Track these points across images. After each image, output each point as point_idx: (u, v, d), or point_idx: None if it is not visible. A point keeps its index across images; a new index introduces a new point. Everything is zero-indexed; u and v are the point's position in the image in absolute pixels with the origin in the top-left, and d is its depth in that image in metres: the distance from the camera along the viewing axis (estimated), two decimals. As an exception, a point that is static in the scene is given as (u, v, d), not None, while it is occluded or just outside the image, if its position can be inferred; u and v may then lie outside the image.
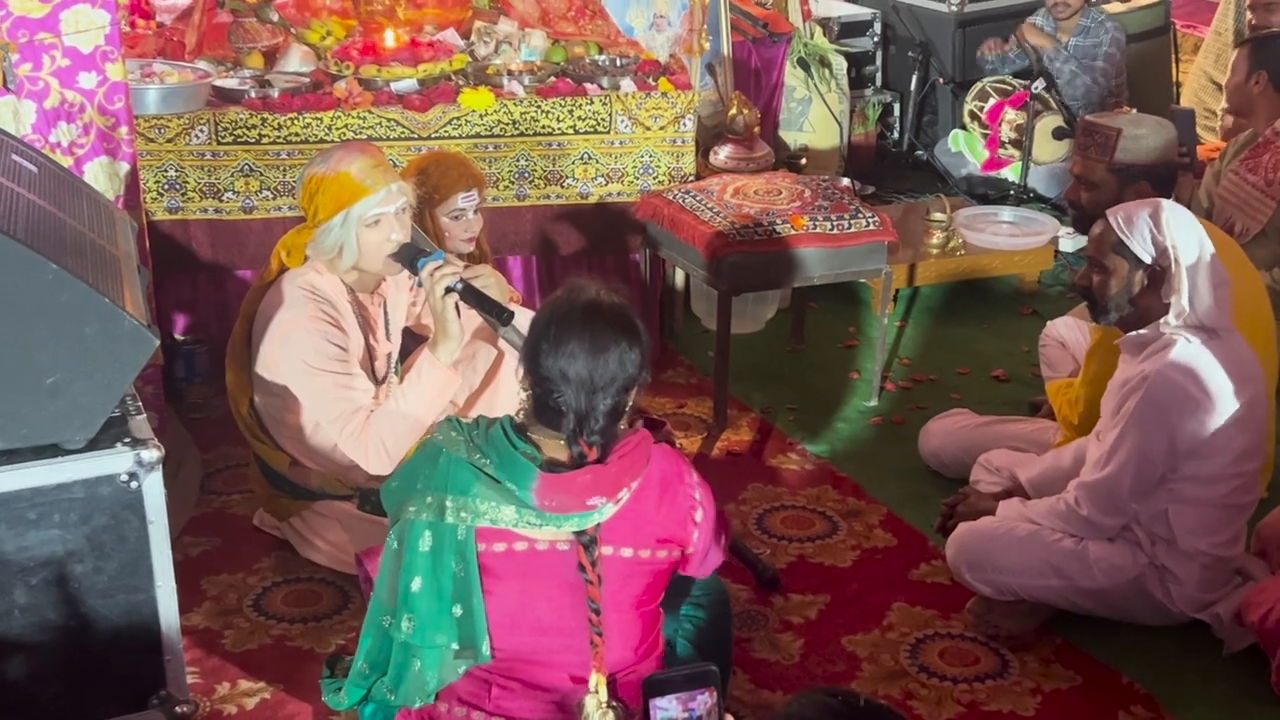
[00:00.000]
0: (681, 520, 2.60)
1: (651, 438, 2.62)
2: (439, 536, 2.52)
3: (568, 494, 2.46)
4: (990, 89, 6.24)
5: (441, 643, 2.55)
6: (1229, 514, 3.26)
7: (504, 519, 2.49)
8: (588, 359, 2.46)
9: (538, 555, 2.52)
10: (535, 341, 2.52)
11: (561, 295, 2.59)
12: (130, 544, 2.64)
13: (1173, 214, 3.22)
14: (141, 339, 2.57)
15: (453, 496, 2.50)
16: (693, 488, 2.63)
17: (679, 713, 2.14)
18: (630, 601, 2.58)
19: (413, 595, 2.54)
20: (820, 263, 4.24)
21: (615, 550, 2.55)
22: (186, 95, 4.21)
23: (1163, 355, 3.16)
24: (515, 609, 2.54)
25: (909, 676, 3.21)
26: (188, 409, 4.24)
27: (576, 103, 4.44)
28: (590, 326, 2.48)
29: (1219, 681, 3.20)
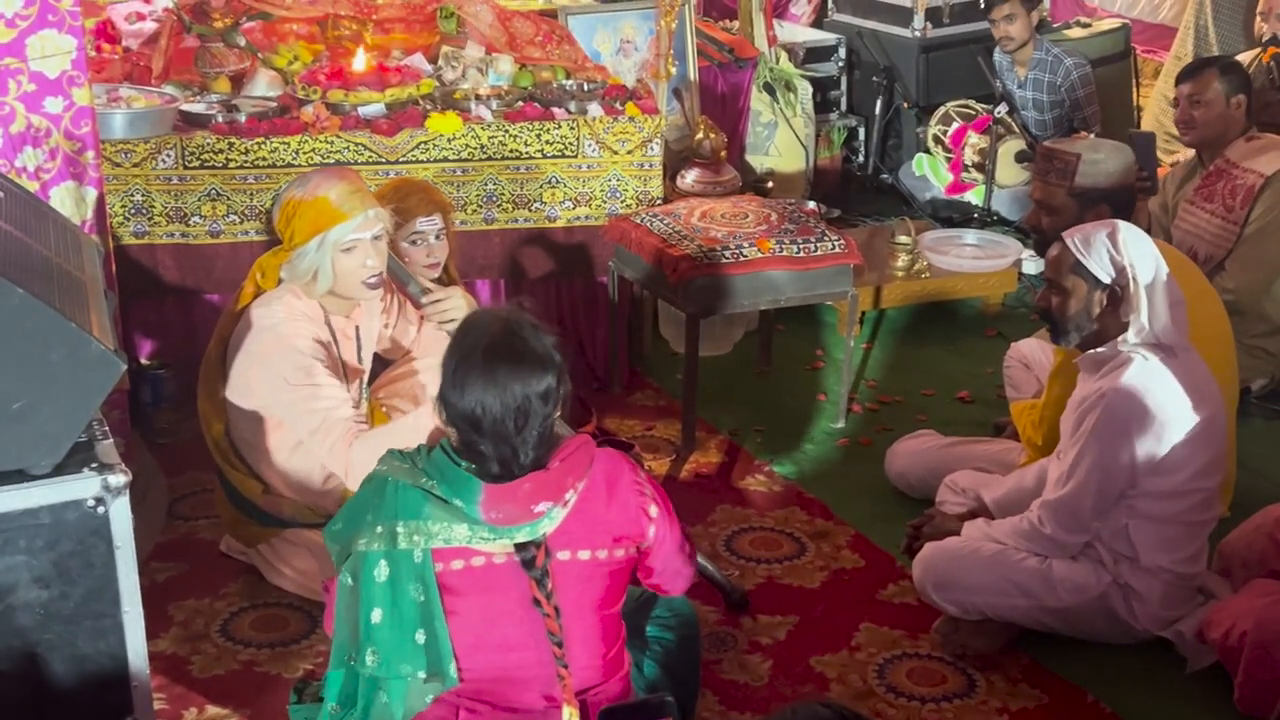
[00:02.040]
0: (634, 516, 2.60)
1: (593, 440, 2.62)
2: (395, 564, 2.50)
3: (513, 503, 2.46)
4: (953, 113, 6.30)
5: (407, 672, 2.53)
6: (1190, 531, 3.29)
7: (457, 537, 2.48)
8: (497, 404, 2.45)
9: (496, 569, 2.51)
10: (443, 386, 2.51)
11: (461, 332, 2.57)
12: (97, 570, 2.63)
13: (1129, 234, 3.26)
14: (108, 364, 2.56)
15: (404, 522, 2.49)
16: (640, 484, 2.63)
17: None
18: (592, 605, 2.58)
19: (374, 627, 2.52)
20: (787, 285, 4.26)
21: (573, 554, 2.54)
22: (153, 120, 4.19)
23: (1120, 372, 3.20)
24: (479, 626, 2.53)
25: (877, 697, 3.22)
26: (154, 434, 4.21)
27: (544, 127, 4.45)
28: (493, 369, 2.46)
29: (1183, 700, 3.23)
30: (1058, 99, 6.06)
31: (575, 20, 5.55)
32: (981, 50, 6.31)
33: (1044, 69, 6.06)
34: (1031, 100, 6.13)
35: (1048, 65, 6.06)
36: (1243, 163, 4.49)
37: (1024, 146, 5.93)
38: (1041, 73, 6.07)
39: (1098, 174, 3.85)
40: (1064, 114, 6.05)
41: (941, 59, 6.58)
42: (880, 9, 6.75)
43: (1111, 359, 3.25)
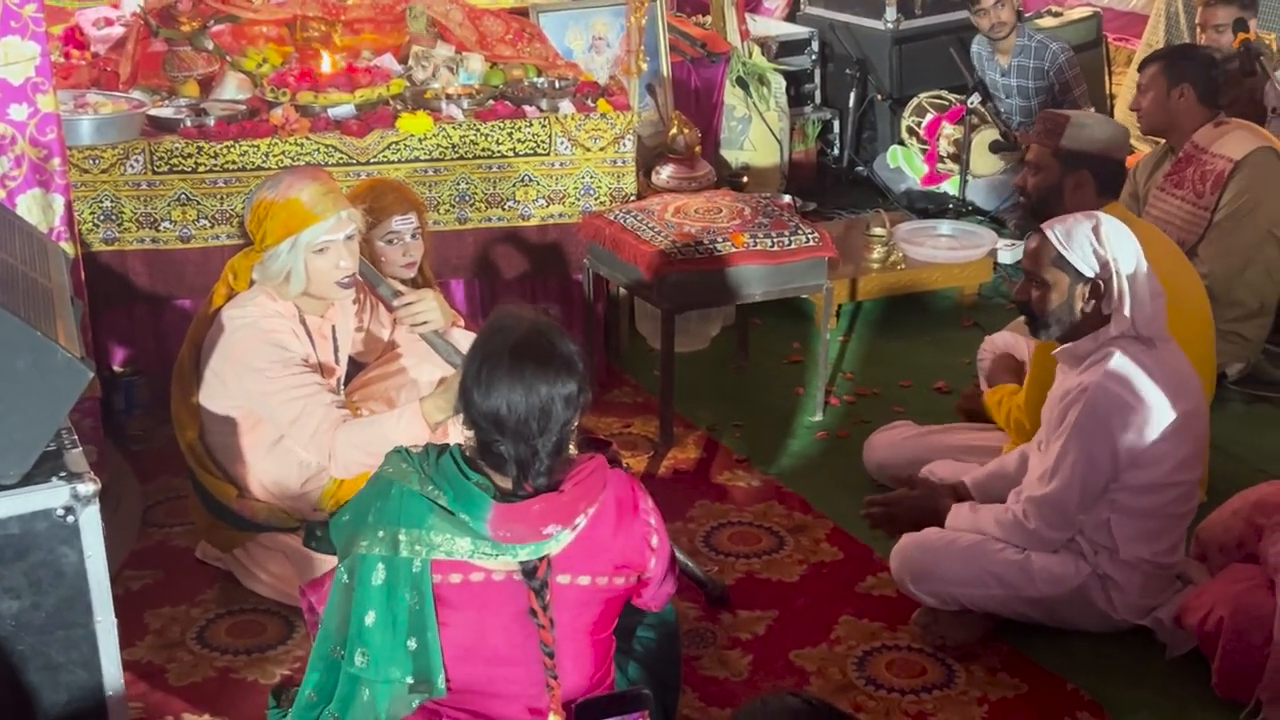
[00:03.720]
0: (638, 547, 2.60)
1: (606, 464, 2.61)
2: (393, 570, 2.50)
3: (523, 523, 2.45)
4: (927, 104, 6.31)
5: (396, 676, 2.53)
6: (1169, 523, 3.30)
7: (459, 551, 2.47)
8: (522, 404, 2.43)
9: (494, 586, 2.50)
10: (467, 384, 2.49)
11: (489, 331, 2.56)
12: (68, 579, 2.62)
13: (1111, 226, 3.25)
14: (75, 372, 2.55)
15: (406, 530, 2.48)
16: (648, 514, 2.63)
17: None
18: (586, 629, 2.58)
19: (366, 629, 2.52)
20: (762, 280, 4.27)
21: (573, 579, 2.54)
22: (121, 125, 4.18)
23: (1101, 366, 3.19)
24: (469, 640, 2.53)
25: (857, 689, 3.22)
26: (128, 441, 4.20)
27: (516, 125, 4.45)
28: (520, 369, 2.44)
29: (1162, 686, 3.24)
30: (1045, 84, 6.08)
31: (546, 18, 5.54)
32: (954, 41, 6.33)
33: (1029, 55, 6.08)
34: (1016, 88, 6.14)
35: (1032, 51, 6.07)
36: (1211, 148, 4.50)
37: (998, 136, 5.94)
38: (1027, 59, 6.08)
39: (1082, 138, 3.85)
40: (1051, 98, 6.06)
41: (914, 50, 6.59)
42: (853, 1, 6.76)
43: (1092, 353, 3.24)
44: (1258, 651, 3.07)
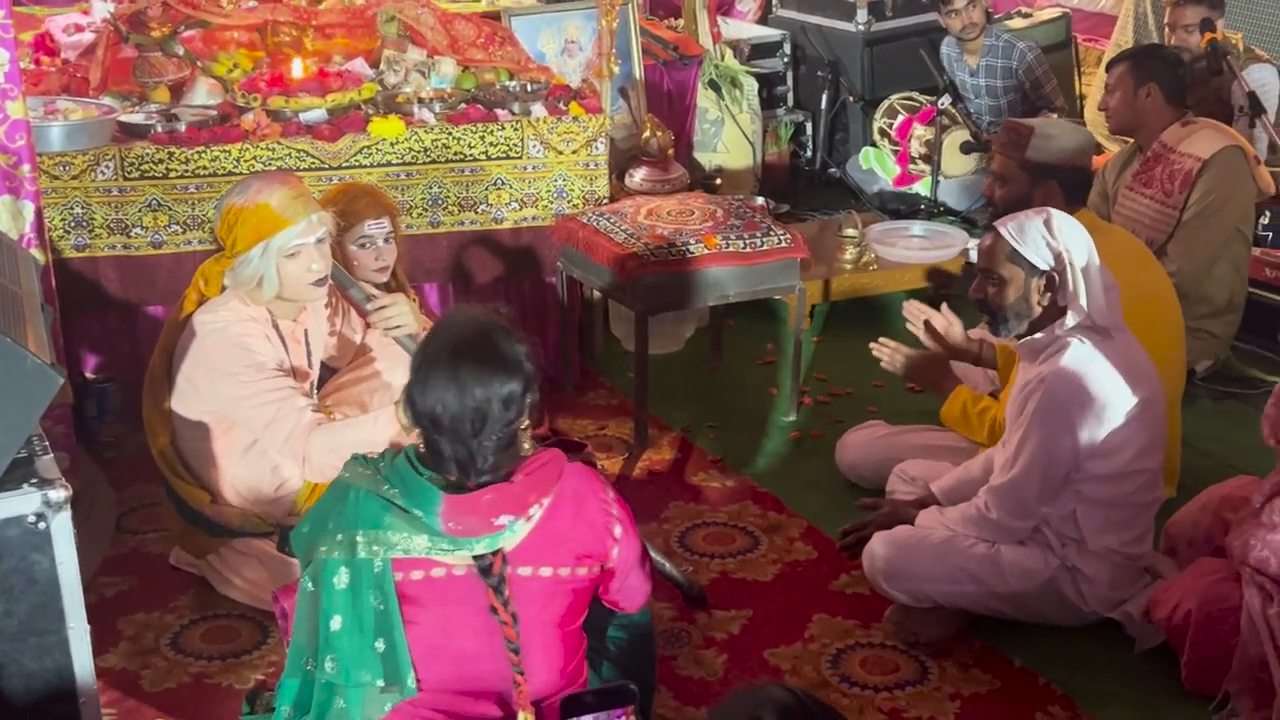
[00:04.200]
0: (599, 535, 2.60)
1: (563, 455, 2.62)
2: (355, 572, 2.50)
3: (473, 515, 2.46)
4: (899, 106, 6.34)
5: (366, 680, 2.53)
6: (1135, 512, 3.33)
7: (417, 548, 2.48)
8: (456, 403, 2.43)
9: (456, 581, 2.51)
10: (409, 383, 2.51)
11: (433, 330, 2.57)
12: (40, 586, 2.61)
13: (1062, 220, 3.29)
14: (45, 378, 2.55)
15: (363, 531, 2.48)
16: (608, 503, 2.63)
17: None
18: (553, 621, 2.58)
19: (334, 634, 2.52)
20: (734, 281, 4.28)
21: (535, 570, 2.54)
22: (91, 131, 4.17)
23: (1059, 357, 3.23)
24: (439, 638, 2.53)
25: (831, 687, 3.24)
26: (101, 448, 4.18)
27: (488, 129, 4.45)
28: (457, 369, 2.44)
29: (1132, 679, 3.26)
30: (1014, 83, 6.11)
31: (518, 21, 5.55)
32: (924, 43, 6.36)
33: (997, 55, 6.11)
34: (985, 87, 6.18)
35: (1000, 51, 6.11)
36: (1179, 147, 4.54)
37: (968, 137, 5.97)
38: (995, 59, 6.12)
39: (1049, 149, 3.87)
40: (1021, 97, 6.10)
41: (885, 52, 6.63)
42: (824, 4, 6.79)
43: (1049, 344, 3.28)
44: (1225, 644, 3.10)
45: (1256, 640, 3.04)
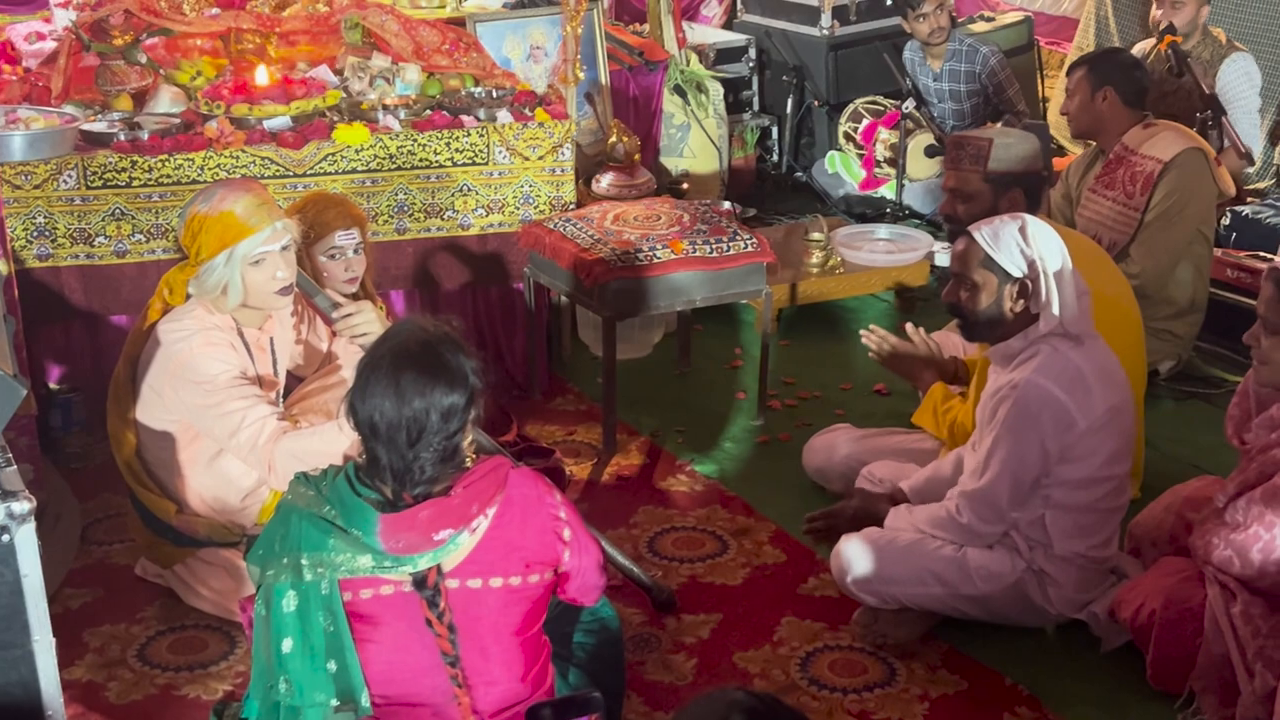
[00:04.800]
0: (549, 541, 2.60)
1: (508, 464, 2.61)
2: (303, 595, 2.49)
3: (412, 531, 2.45)
4: (863, 110, 6.37)
5: (321, 700, 2.51)
6: (1103, 517, 3.34)
7: (361, 567, 2.47)
8: (393, 412, 2.43)
9: (405, 597, 2.50)
10: (351, 389, 2.50)
11: (380, 339, 2.57)
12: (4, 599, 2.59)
13: (1036, 227, 3.30)
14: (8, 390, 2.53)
15: (307, 554, 2.47)
16: (556, 507, 2.62)
17: None
18: (510, 629, 2.57)
19: (285, 656, 2.51)
20: (701, 286, 4.29)
21: (484, 582, 2.53)
22: (53, 140, 4.14)
23: (1030, 364, 3.24)
24: (392, 654, 2.52)
25: (800, 689, 3.25)
26: (66, 459, 4.16)
27: (453, 135, 4.45)
28: (397, 377, 2.44)
29: (1098, 679, 3.28)
30: (976, 87, 6.14)
31: (484, 27, 5.55)
32: (888, 47, 6.39)
33: (960, 59, 6.14)
34: (949, 91, 6.20)
35: (963, 55, 6.13)
36: (1140, 149, 4.56)
37: (933, 140, 6.00)
38: (958, 63, 6.15)
39: (1010, 158, 3.89)
40: (984, 100, 6.13)
41: (849, 56, 6.65)
42: (788, 9, 6.81)
43: (1022, 350, 3.28)
44: (1190, 643, 3.12)
45: (1220, 639, 3.07)
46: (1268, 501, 2.98)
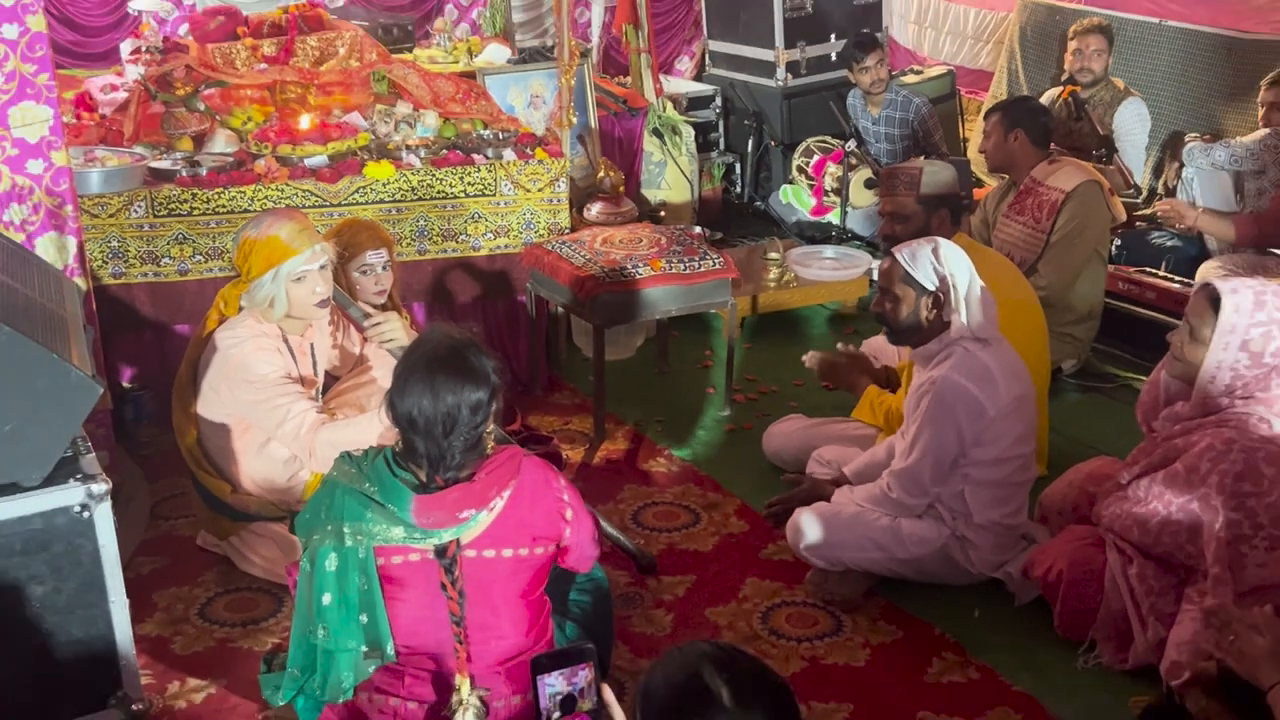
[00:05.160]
0: (553, 520, 2.61)
1: (521, 453, 2.61)
2: (343, 557, 2.50)
3: (441, 510, 2.46)
4: (813, 148, 6.37)
5: (352, 646, 2.53)
6: (1013, 490, 3.36)
7: (395, 537, 2.48)
8: (430, 408, 2.43)
9: (428, 564, 2.51)
10: (390, 389, 2.50)
11: (413, 345, 2.58)
12: (85, 566, 2.60)
13: (947, 249, 3.32)
14: (87, 388, 2.54)
15: (349, 523, 2.48)
16: (560, 490, 2.64)
17: (564, 686, 2.13)
18: (517, 592, 2.59)
19: (324, 608, 2.52)
20: (676, 298, 4.29)
21: (498, 552, 2.54)
22: (125, 176, 4.13)
23: (946, 363, 3.26)
24: (419, 611, 2.53)
25: (761, 639, 3.25)
26: (137, 447, 4.14)
27: (466, 171, 4.44)
28: (432, 378, 2.44)
29: (1012, 628, 3.29)
30: (908, 131, 6.15)
31: (491, 79, 5.56)
32: (833, 96, 6.40)
33: (895, 107, 6.15)
34: (885, 134, 6.22)
35: (899, 104, 6.15)
36: (1046, 181, 4.58)
37: (871, 174, 6.01)
38: (894, 110, 6.16)
39: (938, 183, 3.92)
40: (914, 143, 6.14)
41: (801, 104, 6.66)
42: (749, 64, 6.82)
43: (938, 352, 3.30)
44: (1091, 599, 3.14)
45: (1118, 596, 3.08)
46: (1167, 483, 2.99)
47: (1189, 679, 2.60)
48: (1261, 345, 2.84)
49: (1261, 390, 2.87)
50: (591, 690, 2.14)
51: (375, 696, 2.59)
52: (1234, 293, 2.85)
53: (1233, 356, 2.85)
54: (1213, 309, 2.88)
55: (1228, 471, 2.84)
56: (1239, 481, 2.83)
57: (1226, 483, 2.84)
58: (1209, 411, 2.94)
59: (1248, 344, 2.84)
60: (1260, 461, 2.82)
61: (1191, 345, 2.94)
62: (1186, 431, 2.98)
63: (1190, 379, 2.96)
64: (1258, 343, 2.84)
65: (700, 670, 1.59)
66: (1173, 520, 2.97)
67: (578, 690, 2.14)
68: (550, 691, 2.12)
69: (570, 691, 2.13)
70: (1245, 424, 2.87)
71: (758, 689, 1.60)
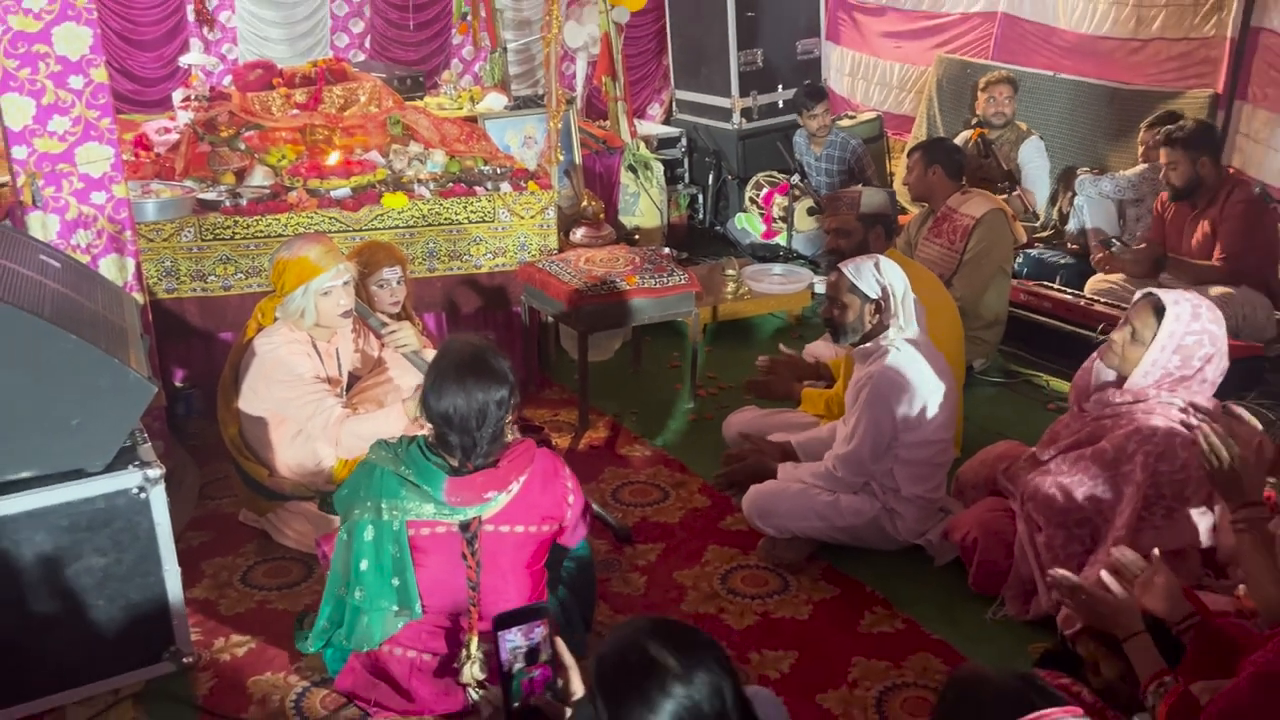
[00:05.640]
0: (559, 503, 2.62)
1: (534, 445, 2.62)
2: (379, 529, 2.50)
3: (469, 491, 2.46)
4: (763, 181, 6.38)
5: (385, 606, 2.53)
6: (934, 469, 3.37)
7: (426, 513, 2.48)
8: (464, 406, 2.43)
9: (452, 536, 2.51)
10: (425, 392, 2.50)
11: (442, 352, 2.58)
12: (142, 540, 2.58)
13: (886, 263, 3.33)
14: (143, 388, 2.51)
15: (386, 500, 2.48)
16: (566, 479, 2.65)
17: (522, 641, 2.11)
18: (524, 563, 2.59)
19: (362, 573, 2.52)
20: (648, 308, 4.29)
21: (512, 528, 2.55)
22: (177, 206, 4.09)
23: (882, 360, 3.26)
24: (442, 575, 2.53)
25: (721, 597, 3.25)
26: (187, 437, 4.10)
27: (469, 201, 4.43)
28: (463, 380, 2.45)
29: (933, 585, 3.30)
30: (845, 167, 6.17)
31: (491, 123, 5.54)
32: (781, 137, 6.41)
33: (835, 146, 6.17)
34: (825, 169, 6.23)
35: (837, 144, 6.16)
36: (959, 209, 4.59)
37: (813, 204, 6.03)
38: (834, 150, 6.18)
39: (874, 204, 3.94)
40: (849, 177, 6.16)
41: (754, 144, 6.67)
42: (710, 110, 6.82)
43: (875, 351, 3.31)
44: (1000, 561, 3.15)
45: (1025, 560, 3.09)
46: (1095, 458, 2.98)
47: (1080, 629, 2.61)
48: (1193, 350, 2.86)
49: (1183, 386, 2.89)
50: (547, 644, 2.12)
51: (396, 649, 2.59)
52: (1176, 304, 2.87)
53: (1167, 357, 2.87)
54: (1155, 316, 2.88)
55: (1151, 452, 2.85)
56: (1159, 461, 2.85)
57: (1150, 461, 2.85)
58: (1137, 399, 2.94)
59: (1182, 348, 2.86)
60: (1178, 445, 2.84)
61: (1132, 345, 2.94)
62: (1115, 414, 2.97)
63: (1126, 372, 2.97)
64: (1190, 348, 2.86)
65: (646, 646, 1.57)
66: (1095, 492, 2.96)
67: (535, 644, 2.10)
68: (510, 645, 2.09)
69: (531, 645, 2.10)
70: (1168, 412, 2.88)
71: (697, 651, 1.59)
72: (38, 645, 2.52)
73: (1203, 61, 5.45)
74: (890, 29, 7.04)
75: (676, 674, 1.53)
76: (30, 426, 2.39)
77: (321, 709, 2.71)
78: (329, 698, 2.73)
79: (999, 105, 5.64)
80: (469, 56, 6.99)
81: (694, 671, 1.54)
